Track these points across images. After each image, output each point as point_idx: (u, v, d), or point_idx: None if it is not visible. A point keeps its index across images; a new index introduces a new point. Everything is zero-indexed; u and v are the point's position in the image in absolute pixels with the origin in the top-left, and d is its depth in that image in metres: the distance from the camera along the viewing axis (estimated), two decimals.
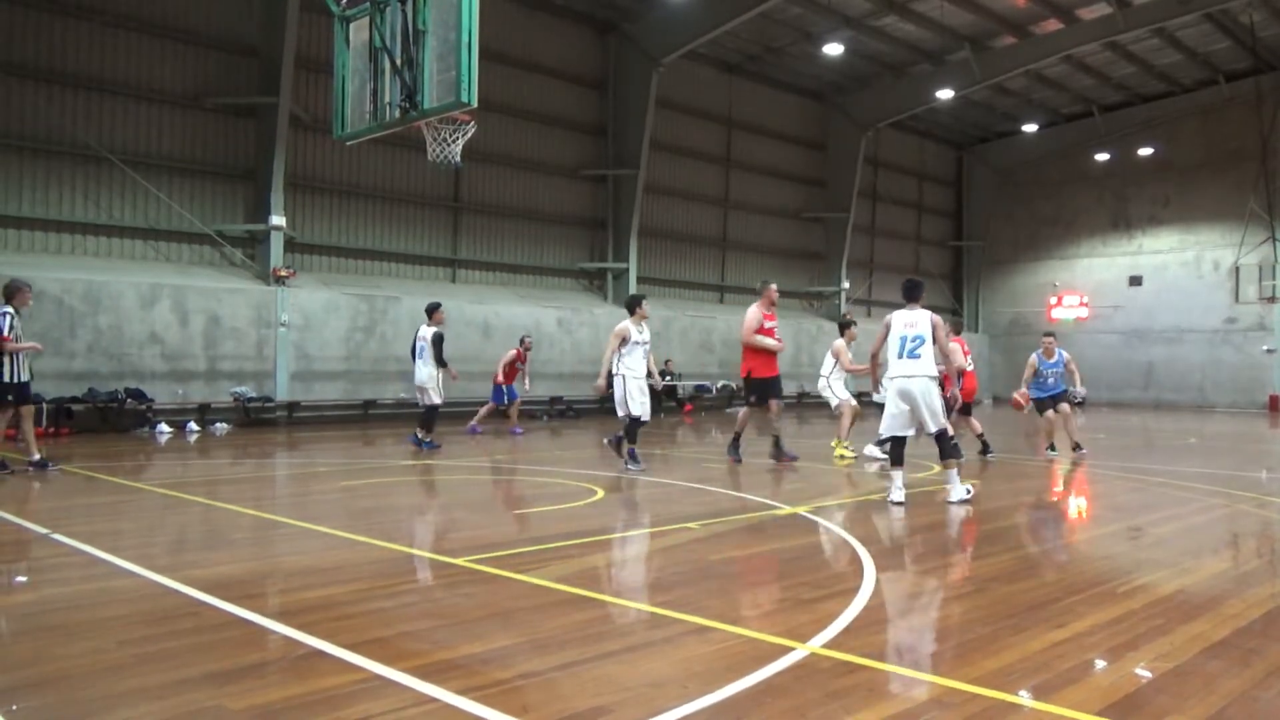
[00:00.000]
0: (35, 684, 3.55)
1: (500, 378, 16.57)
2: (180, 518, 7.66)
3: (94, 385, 15.42)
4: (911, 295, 8.49)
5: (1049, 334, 13.17)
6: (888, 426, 8.40)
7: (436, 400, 13.00)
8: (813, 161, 29.66)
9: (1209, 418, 23.96)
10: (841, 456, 12.00)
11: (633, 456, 10.30)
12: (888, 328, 8.40)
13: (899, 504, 8.02)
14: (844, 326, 13.11)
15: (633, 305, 10.62)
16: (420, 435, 12.88)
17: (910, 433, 8.32)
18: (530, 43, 22.04)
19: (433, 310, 13.31)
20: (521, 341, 17.02)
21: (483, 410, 16.56)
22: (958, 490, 8.20)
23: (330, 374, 18.48)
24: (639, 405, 10.31)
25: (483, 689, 3.47)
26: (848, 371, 12.69)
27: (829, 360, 12.96)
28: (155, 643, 4.05)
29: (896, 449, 8.38)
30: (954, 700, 3.43)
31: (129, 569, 5.39)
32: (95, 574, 5.37)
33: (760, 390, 11.25)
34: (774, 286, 11.48)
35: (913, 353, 8.16)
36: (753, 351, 11.16)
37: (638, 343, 10.29)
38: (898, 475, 8.24)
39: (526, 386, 17.27)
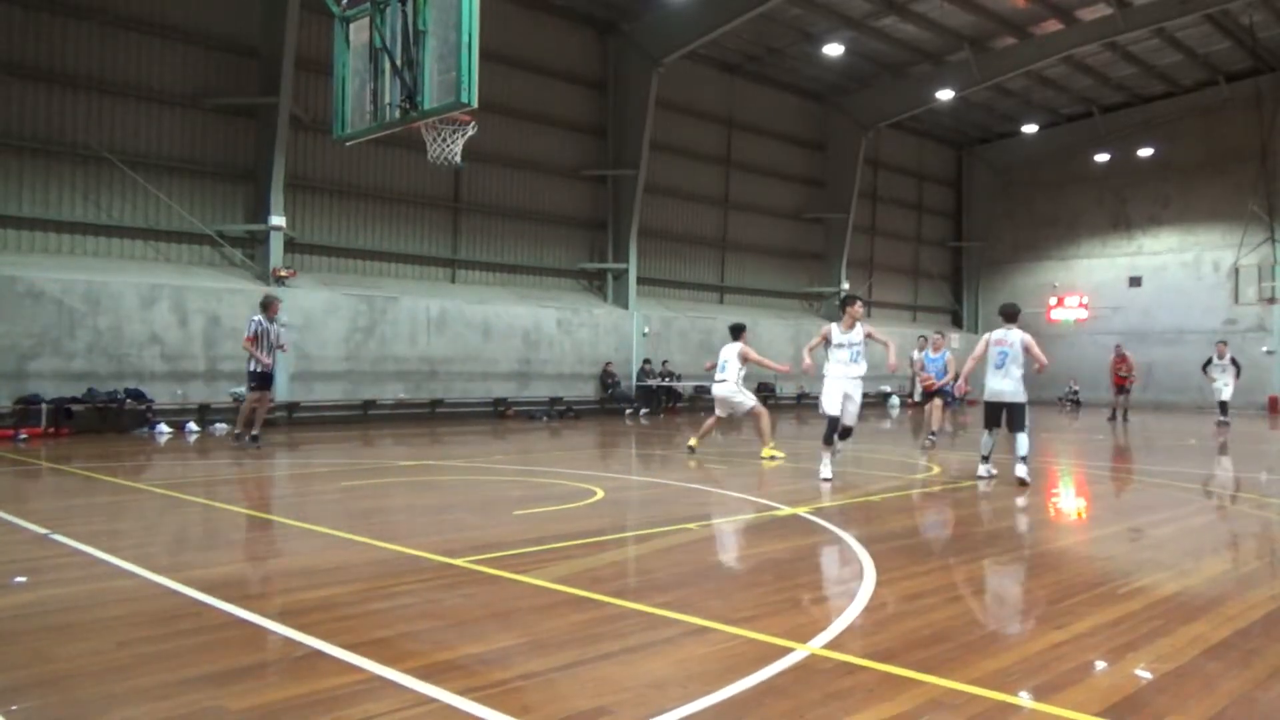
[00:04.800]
0: (35, 684, 3.56)
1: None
2: (180, 518, 7.66)
3: (93, 385, 15.42)
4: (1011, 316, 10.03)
5: (938, 332, 15.84)
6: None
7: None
8: (813, 162, 29.65)
9: (1209, 419, 23.92)
10: (772, 458, 11.96)
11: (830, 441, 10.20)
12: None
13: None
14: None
15: (844, 305, 10.54)
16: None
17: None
18: (530, 43, 22.03)
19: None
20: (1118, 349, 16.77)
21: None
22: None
23: (330, 374, 18.47)
24: (828, 404, 10.30)
25: (483, 689, 3.47)
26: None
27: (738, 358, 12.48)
28: (155, 643, 4.05)
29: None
30: (954, 701, 3.44)
31: (129, 569, 5.39)
32: (95, 574, 5.37)
33: None
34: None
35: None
36: None
37: (840, 344, 10.30)
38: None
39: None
